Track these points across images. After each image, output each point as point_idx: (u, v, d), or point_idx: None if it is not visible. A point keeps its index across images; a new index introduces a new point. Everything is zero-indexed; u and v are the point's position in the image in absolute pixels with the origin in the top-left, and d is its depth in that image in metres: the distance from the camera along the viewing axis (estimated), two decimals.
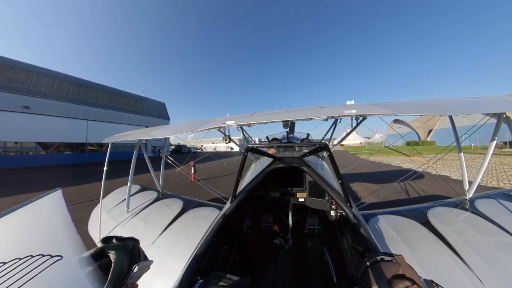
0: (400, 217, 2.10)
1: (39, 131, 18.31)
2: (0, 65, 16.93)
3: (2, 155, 16.78)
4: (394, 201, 5.42)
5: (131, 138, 2.79)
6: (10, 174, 12.59)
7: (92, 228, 2.66)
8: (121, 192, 3.43)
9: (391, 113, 1.29)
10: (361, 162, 13.77)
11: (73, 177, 11.05)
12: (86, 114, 21.52)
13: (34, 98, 17.73)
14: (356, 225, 1.37)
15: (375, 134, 40.34)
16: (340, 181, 1.54)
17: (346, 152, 27.80)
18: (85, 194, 7.02)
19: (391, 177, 8.89)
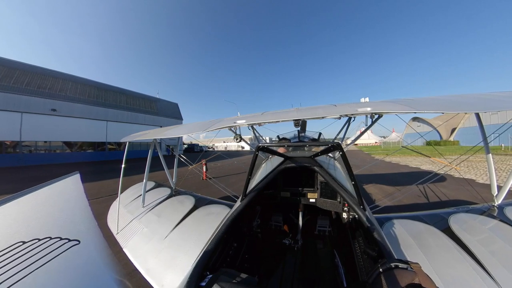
0: (418, 222, 1.97)
1: (65, 131, 19.88)
2: (31, 73, 18.78)
3: (34, 153, 18.46)
4: (412, 205, 5.12)
5: (146, 137, 2.92)
6: (42, 170, 13.72)
7: (111, 220, 2.83)
8: (137, 188, 3.61)
9: (409, 111, 1.22)
10: (376, 163, 13.16)
11: (95, 173, 11.77)
12: (105, 115, 22.88)
13: (60, 102, 19.32)
14: (369, 228, 1.32)
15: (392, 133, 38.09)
16: (353, 182, 1.49)
17: (360, 152, 26.76)
18: (105, 189, 7.47)
19: (408, 179, 8.44)
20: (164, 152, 3.26)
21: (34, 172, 12.91)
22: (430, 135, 39.19)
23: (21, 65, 18.71)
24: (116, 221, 2.63)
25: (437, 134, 40.50)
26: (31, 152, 18.36)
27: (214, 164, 14.79)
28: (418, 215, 2.13)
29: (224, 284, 0.76)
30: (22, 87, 17.44)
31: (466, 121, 35.45)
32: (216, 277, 0.91)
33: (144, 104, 28.29)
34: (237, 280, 0.89)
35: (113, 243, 2.40)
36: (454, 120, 37.12)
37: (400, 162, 14.50)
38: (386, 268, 0.68)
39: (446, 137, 39.26)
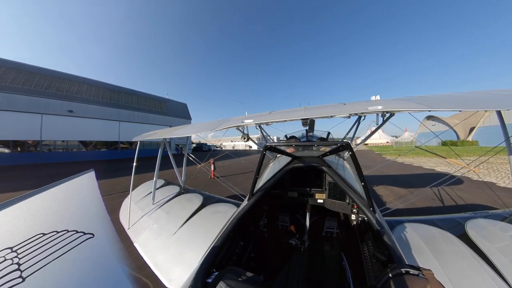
0: (431, 227, 1.88)
1: (81, 131, 20.88)
2: (50, 77, 19.95)
3: (53, 152, 19.56)
4: (425, 209, 4.89)
5: (156, 137, 3.00)
6: (60, 167, 14.47)
7: (123, 216, 2.94)
8: (148, 185, 3.72)
9: (423, 109, 1.16)
10: (388, 164, 12.69)
11: (108, 171, 12.24)
12: (118, 115, 23.77)
13: (77, 103, 20.35)
14: (379, 231, 1.28)
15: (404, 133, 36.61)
16: (363, 183, 1.45)
17: (370, 152, 25.97)
18: (117, 186, 7.78)
19: (422, 181, 8.08)
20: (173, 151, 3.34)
21: (54, 169, 13.65)
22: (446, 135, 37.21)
23: (41, 70, 19.90)
24: (128, 216, 2.73)
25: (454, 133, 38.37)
26: (50, 150, 19.46)
27: (222, 163, 14.94)
28: (432, 219, 2.03)
29: (229, 282, 0.76)
30: (42, 90, 18.56)
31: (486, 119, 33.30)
32: (222, 274, 0.92)
33: (154, 104, 29.09)
34: (243, 278, 0.89)
35: (124, 237, 2.49)
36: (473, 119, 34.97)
37: (413, 163, 13.90)
38: (396, 273, 0.65)
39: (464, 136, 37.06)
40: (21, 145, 17.81)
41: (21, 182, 9.26)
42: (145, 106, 27.55)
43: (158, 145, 3.40)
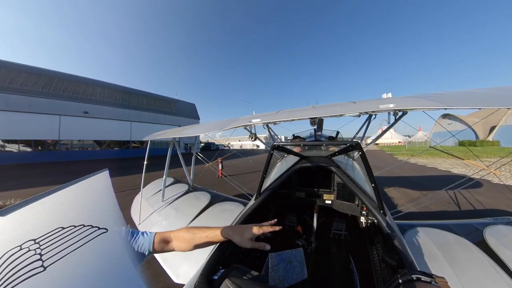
0: (446, 232, 1.78)
1: (95, 131, 21.83)
2: (67, 80, 21.08)
3: (70, 151, 20.60)
4: (440, 213, 4.65)
5: (166, 136, 3.08)
6: (76, 165, 15.22)
7: (134, 212, 3.05)
8: (158, 183, 3.82)
9: (439, 107, 1.11)
10: (400, 164, 12.15)
11: (120, 169, 12.69)
12: (129, 116, 24.61)
13: (91, 105, 21.34)
14: (389, 235, 1.22)
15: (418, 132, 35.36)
16: (373, 184, 1.39)
17: (381, 152, 25.17)
18: (129, 184, 8.07)
19: (436, 183, 7.69)
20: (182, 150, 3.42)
21: (71, 167, 14.37)
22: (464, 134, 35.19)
23: (59, 74, 21.04)
24: (139, 213, 2.82)
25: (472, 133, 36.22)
26: (68, 149, 20.51)
27: (229, 162, 15.07)
28: (447, 224, 1.93)
29: (235, 280, 0.77)
30: (60, 93, 19.67)
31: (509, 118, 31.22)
32: (228, 272, 0.93)
33: (164, 105, 29.81)
34: (248, 277, 0.89)
35: None
36: (494, 117, 32.83)
37: (427, 164, 13.31)
38: (407, 279, 0.63)
39: (484, 136, 34.87)
40: (41, 144, 18.95)
41: (42, 178, 9.82)
42: (155, 106, 28.29)
43: (167, 144, 3.49)
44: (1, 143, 17.03)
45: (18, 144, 17.69)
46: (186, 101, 34.57)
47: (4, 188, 7.61)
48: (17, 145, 17.68)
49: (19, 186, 8.12)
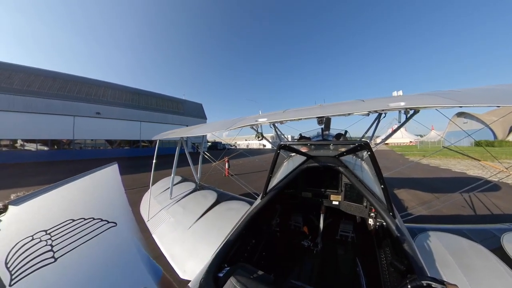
0: (460, 237, 1.69)
1: (107, 131, 22.67)
2: (80, 83, 22.07)
3: (83, 149, 21.51)
4: (453, 217, 4.43)
5: (174, 136, 3.14)
6: (89, 163, 15.75)
7: (143, 209, 3.13)
8: (166, 181, 3.91)
9: (453, 105, 1.05)
10: (411, 165, 11.74)
11: (130, 167, 13.09)
12: (139, 116, 25.32)
13: (103, 106, 22.18)
14: (398, 238, 1.18)
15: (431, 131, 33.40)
16: (382, 185, 1.35)
17: (391, 152, 24.40)
18: (138, 181, 8.29)
19: (450, 185, 7.38)
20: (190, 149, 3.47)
21: (84, 165, 14.93)
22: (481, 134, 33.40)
23: (73, 77, 22.06)
24: (147, 210, 2.90)
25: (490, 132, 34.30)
26: (81, 148, 21.42)
27: (236, 161, 15.14)
28: (461, 228, 1.83)
29: (240, 278, 0.77)
30: (74, 95, 20.63)
31: None
32: (233, 270, 0.94)
33: (172, 105, 30.42)
34: (253, 276, 0.89)
35: (143, 229, 2.65)
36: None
37: (441, 166, 12.76)
38: (416, 285, 0.61)
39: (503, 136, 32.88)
40: (57, 144, 19.92)
41: (58, 176, 10.25)
42: (163, 107, 28.93)
43: (175, 143, 3.55)
44: (21, 143, 18.06)
45: (36, 143, 18.69)
46: (193, 101, 35.09)
47: (23, 184, 8.09)
48: (35, 145, 18.67)
49: (37, 182, 8.60)
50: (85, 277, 0.57)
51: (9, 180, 9.19)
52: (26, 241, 0.58)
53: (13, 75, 17.94)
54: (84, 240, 0.63)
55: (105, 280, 0.59)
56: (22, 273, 0.53)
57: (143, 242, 0.76)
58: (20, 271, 0.53)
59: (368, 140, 3.50)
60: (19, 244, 0.57)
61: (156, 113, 27.31)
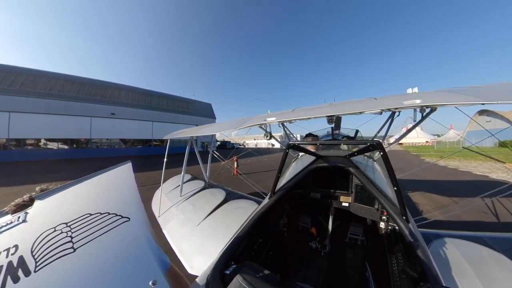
0: (480, 245, 1.57)
1: (121, 131, 23.73)
2: (96, 86, 23.31)
3: (100, 148, 22.63)
4: (473, 223, 4.15)
5: (184, 135, 3.21)
6: (105, 161, 16.51)
7: (154, 205, 3.24)
8: (176, 179, 4.01)
9: (475, 102, 0.99)
10: (427, 167, 11.16)
11: (143, 165, 13.56)
12: (151, 116, 26.24)
13: (117, 107, 23.25)
14: (411, 244, 1.13)
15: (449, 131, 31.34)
16: (395, 188, 1.29)
17: (406, 153, 23.35)
18: (150, 179, 8.59)
19: (470, 189, 6.91)
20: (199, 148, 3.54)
21: (101, 162, 15.63)
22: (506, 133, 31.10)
23: (90, 80, 23.33)
24: (159, 206, 2.99)
25: None
26: (98, 147, 22.55)
27: (244, 160, 15.23)
28: (482, 236, 1.70)
29: (246, 276, 0.77)
30: (91, 97, 21.86)
31: None
32: (240, 268, 0.95)
33: (182, 105, 31.19)
34: (259, 274, 0.89)
35: (154, 224, 2.73)
36: None
37: (460, 167, 12.01)
38: None
39: None
40: (76, 143, 21.18)
41: (78, 172, 10.89)
42: (174, 107, 29.73)
43: (186, 142, 3.63)
44: (44, 142, 19.46)
45: (57, 142, 20.02)
46: (202, 101, 35.71)
47: (48, 180, 8.63)
48: (57, 143, 20.01)
49: (60, 178, 9.20)
50: (100, 267, 0.62)
51: (35, 176, 9.91)
52: (49, 232, 0.64)
53: (37, 79, 19.35)
54: (100, 233, 0.67)
55: (118, 271, 0.63)
56: (45, 261, 0.58)
57: (154, 236, 0.79)
58: (43, 259, 0.58)
59: (380, 140, 3.37)
60: (43, 235, 0.63)
61: (167, 113, 28.11)
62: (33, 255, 0.58)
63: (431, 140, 41.46)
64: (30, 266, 0.56)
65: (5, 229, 0.63)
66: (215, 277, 0.94)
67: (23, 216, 0.66)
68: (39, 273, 0.56)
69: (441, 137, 38.01)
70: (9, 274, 0.54)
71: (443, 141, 35.78)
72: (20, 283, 0.53)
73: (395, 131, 3.62)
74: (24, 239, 0.61)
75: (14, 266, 0.55)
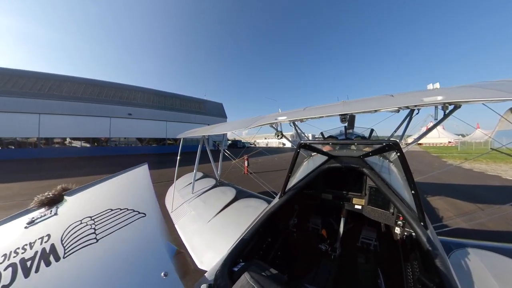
0: (508, 259, 1.41)
1: (137, 130, 25.03)
2: (114, 88, 24.81)
3: (118, 146, 24.04)
4: (502, 233, 3.78)
5: (196, 134, 3.29)
6: (123, 158, 17.51)
7: (167, 201, 3.37)
8: (188, 177, 4.14)
9: (506, 98, 0.90)
10: (449, 170, 10.41)
11: (157, 163, 14.12)
12: (165, 116, 27.36)
13: (134, 108, 24.56)
14: (429, 252, 1.05)
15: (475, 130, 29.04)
16: (413, 191, 1.21)
17: (425, 154, 21.95)
18: (164, 176, 8.93)
19: (499, 195, 6.33)
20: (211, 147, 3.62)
21: (120, 159, 16.62)
22: None
23: (108, 83, 24.90)
24: (171, 202, 3.11)
25: None
26: (116, 145, 23.98)
27: (255, 159, 15.28)
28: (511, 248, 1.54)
29: (254, 274, 0.78)
30: (110, 99, 23.33)
31: None
32: (248, 265, 0.96)
33: (194, 105, 32.10)
34: (267, 273, 0.89)
35: (167, 219, 2.84)
36: None
37: (487, 171, 11.02)
38: None
39: None
40: (97, 141, 22.72)
41: (98, 168, 11.67)
42: (186, 107, 30.69)
43: (198, 141, 3.73)
44: (69, 140, 21.19)
45: (81, 141, 21.65)
46: (214, 101, 36.38)
47: (73, 175, 9.44)
48: (80, 142, 21.64)
49: (84, 173, 9.92)
50: (118, 256, 0.68)
51: (63, 171, 10.76)
52: (76, 224, 0.73)
53: (62, 84, 21.16)
54: (119, 227, 0.74)
55: (134, 261, 0.68)
56: (72, 249, 0.66)
57: (167, 232, 0.84)
58: (71, 247, 0.67)
59: (397, 139, 3.21)
60: (71, 226, 0.72)
61: (180, 113, 29.09)
62: (62, 243, 0.67)
63: (454, 141, 38.49)
64: (60, 252, 0.65)
65: (40, 220, 0.73)
66: (223, 273, 0.95)
67: (54, 210, 0.77)
68: (67, 259, 0.63)
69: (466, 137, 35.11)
70: (42, 259, 0.62)
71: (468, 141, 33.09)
72: (51, 267, 0.61)
73: (413, 130, 3.43)
74: (55, 229, 0.71)
75: (47, 252, 0.64)
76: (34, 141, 19.10)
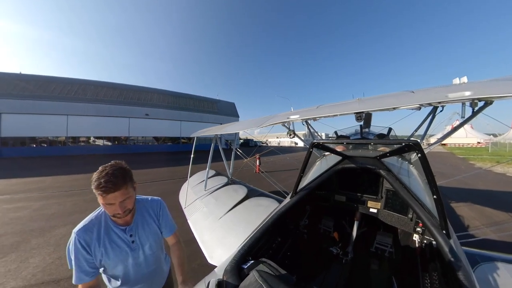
0: None
1: (154, 129, 26.36)
2: (133, 90, 26.38)
3: (136, 145, 25.62)
4: None
5: (209, 133, 3.37)
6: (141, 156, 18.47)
7: (181, 197, 3.50)
8: (201, 174, 4.26)
9: None
10: (477, 173, 9.48)
11: (172, 161, 14.74)
12: (179, 116, 28.47)
13: (150, 108, 25.88)
14: (451, 263, 0.96)
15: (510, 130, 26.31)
16: (435, 196, 1.10)
17: (450, 155, 20.25)
18: (178, 173, 9.30)
19: None
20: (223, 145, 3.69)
21: (139, 157, 17.53)
22: None
23: (128, 86, 26.55)
24: (185, 198, 3.22)
25: None
26: (135, 144, 25.55)
27: (267, 158, 15.24)
28: None
29: (262, 273, 0.77)
30: (128, 101, 24.88)
31: None
32: (257, 264, 0.96)
33: (207, 105, 32.96)
34: (275, 273, 0.89)
35: (181, 214, 2.93)
36: None
37: None
38: None
39: None
40: (117, 140, 24.45)
41: None
42: (200, 107, 31.64)
43: (210, 140, 3.81)
44: (93, 139, 23.14)
45: (103, 140, 23.46)
46: (226, 101, 37.01)
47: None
48: (102, 141, 23.47)
49: None
50: None
51: (89, 166, 11.60)
52: None
53: (86, 88, 23.10)
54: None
55: None
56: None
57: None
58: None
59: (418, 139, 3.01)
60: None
61: (194, 113, 30.08)
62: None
63: (484, 141, 35.00)
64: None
65: None
66: (232, 269, 0.96)
67: None
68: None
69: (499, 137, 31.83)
70: None
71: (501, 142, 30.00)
72: None
73: (437, 129, 3.20)
74: None
75: None
76: (63, 139, 21.10)
